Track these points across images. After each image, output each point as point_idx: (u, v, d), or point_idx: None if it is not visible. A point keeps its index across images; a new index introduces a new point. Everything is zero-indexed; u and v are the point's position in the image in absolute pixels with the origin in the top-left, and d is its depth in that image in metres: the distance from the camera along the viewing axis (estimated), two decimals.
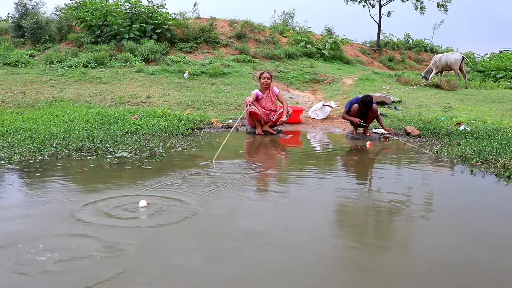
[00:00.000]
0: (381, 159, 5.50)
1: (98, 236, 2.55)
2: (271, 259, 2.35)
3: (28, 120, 6.68)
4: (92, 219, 2.82)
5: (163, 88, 11.76)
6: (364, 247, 2.55)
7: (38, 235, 2.57)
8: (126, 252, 2.36)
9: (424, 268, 2.29)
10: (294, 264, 2.29)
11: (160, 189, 3.55)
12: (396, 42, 27.18)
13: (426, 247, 2.59)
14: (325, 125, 8.34)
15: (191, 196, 3.36)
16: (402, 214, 3.15)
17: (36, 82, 11.52)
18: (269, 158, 5.55)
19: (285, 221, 2.95)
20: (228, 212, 3.12)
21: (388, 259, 2.41)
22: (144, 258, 2.31)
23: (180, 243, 2.53)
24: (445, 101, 11.53)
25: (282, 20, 25.03)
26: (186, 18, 19.26)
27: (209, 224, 2.85)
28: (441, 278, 2.17)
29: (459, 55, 15.24)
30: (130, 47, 15.22)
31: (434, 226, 2.96)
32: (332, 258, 2.42)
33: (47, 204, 3.12)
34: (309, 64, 17.72)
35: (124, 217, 2.90)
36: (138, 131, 6.21)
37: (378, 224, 3.02)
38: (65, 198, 3.26)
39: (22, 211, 3.00)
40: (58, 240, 2.51)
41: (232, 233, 2.71)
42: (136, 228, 2.72)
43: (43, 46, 16.08)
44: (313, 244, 2.56)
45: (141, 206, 3.09)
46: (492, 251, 2.53)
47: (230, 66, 15.27)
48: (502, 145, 5.41)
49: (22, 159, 4.45)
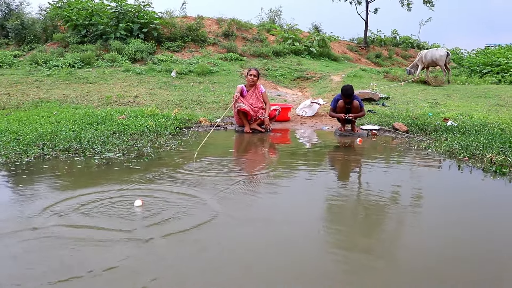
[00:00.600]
0: (370, 155, 5.52)
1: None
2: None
3: (14, 121, 6.60)
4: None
5: (150, 87, 11.69)
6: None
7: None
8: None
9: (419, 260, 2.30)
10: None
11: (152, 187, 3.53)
12: (384, 38, 27.34)
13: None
14: (313, 122, 8.35)
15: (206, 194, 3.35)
16: (394, 208, 3.16)
17: (22, 83, 11.39)
18: (259, 157, 5.54)
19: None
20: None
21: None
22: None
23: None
24: (432, 97, 11.61)
25: (269, 18, 25.07)
26: (172, 17, 19.20)
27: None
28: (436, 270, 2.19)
29: (444, 51, 15.36)
30: (116, 46, 15.12)
31: (425, 221, 2.98)
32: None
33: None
34: (297, 61, 17.75)
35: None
36: (126, 131, 6.16)
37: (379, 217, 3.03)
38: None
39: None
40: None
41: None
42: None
43: (28, 46, 15.89)
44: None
45: (137, 205, 3.09)
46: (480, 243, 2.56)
47: (217, 65, 15.24)
48: (488, 140, 5.46)
49: (7, 161, 4.40)
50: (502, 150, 4.90)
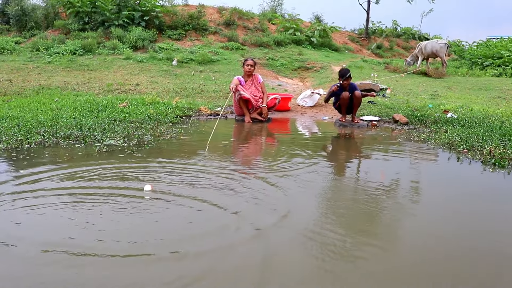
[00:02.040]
0: (368, 146, 5.54)
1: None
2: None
3: (15, 108, 6.62)
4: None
5: (151, 75, 11.69)
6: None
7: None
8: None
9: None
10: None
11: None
12: (385, 30, 27.22)
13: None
14: (313, 112, 8.37)
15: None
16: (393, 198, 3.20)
17: (23, 70, 11.39)
18: (260, 146, 5.57)
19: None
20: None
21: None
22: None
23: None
24: (432, 88, 11.61)
25: (271, 7, 24.93)
26: (174, 5, 19.08)
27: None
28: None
29: (444, 42, 15.30)
30: (118, 34, 15.07)
31: (425, 212, 3.01)
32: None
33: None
34: (298, 51, 17.69)
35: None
36: (127, 118, 6.18)
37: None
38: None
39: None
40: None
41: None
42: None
43: (29, 33, 15.81)
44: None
45: (146, 190, 3.17)
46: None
47: (218, 54, 15.20)
48: (488, 133, 5.48)
49: (8, 147, 4.43)
50: (502, 142, 4.92)
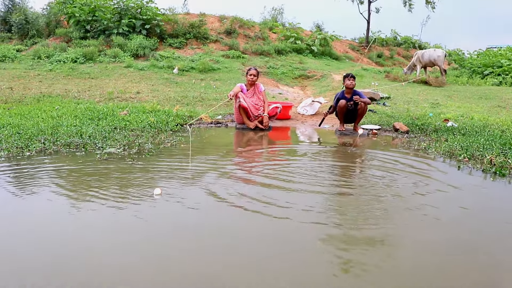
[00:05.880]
0: (366, 155, 5.53)
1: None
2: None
3: (16, 115, 6.63)
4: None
5: (152, 83, 11.71)
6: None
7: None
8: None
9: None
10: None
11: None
12: (385, 38, 27.30)
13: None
14: (314, 121, 8.37)
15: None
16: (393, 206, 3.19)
17: (24, 78, 11.41)
18: (258, 154, 5.56)
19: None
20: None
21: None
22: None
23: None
24: (433, 97, 11.62)
25: (272, 16, 25.03)
26: (175, 13, 19.21)
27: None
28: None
29: (441, 51, 15.31)
30: (119, 42, 15.13)
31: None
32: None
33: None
34: (299, 60, 17.74)
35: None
36: (127, 126, 6.19)
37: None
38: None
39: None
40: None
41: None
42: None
43: (31, 41, 15.89)
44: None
45: (156, 194, 3.21)
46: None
47: (219, 62, 15.25)
48: (488, 141, 5.48)
49: (9, 155, 4.43)
50: (502, 151, 4.92)
